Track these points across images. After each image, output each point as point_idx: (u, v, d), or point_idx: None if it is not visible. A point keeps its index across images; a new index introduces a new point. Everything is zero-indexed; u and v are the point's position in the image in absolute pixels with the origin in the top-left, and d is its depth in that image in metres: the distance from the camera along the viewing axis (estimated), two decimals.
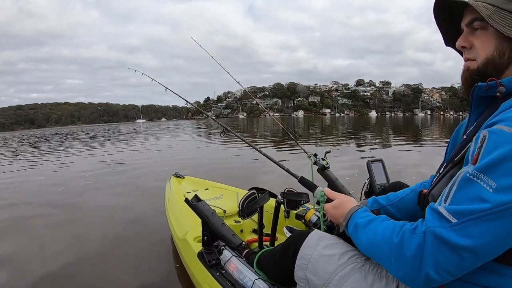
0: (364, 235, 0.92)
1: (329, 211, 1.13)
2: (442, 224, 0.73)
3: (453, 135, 1.07)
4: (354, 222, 0.98)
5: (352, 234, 0.98)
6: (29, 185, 5.99)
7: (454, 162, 0.89)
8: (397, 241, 0.79)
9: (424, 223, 0.77)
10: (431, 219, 0.76)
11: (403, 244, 0.78)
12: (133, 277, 2.32)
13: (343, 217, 1.04)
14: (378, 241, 0.86)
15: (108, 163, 8.33)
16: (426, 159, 7.62)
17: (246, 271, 1.45)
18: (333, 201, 1.14)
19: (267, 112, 2.05)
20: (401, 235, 0.79)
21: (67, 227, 3.47)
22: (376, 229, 0.88)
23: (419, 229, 0.77)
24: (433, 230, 0.73)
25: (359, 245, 0.95)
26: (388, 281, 0.94)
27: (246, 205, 1.62)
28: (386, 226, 0.87)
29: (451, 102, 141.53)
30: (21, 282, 2.32)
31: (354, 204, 1.07)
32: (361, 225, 0.94)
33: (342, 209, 1.07)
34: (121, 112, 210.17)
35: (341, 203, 1.10)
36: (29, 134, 39.12)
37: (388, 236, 0.83)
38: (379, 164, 1.75)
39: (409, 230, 0.79)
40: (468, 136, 0.88)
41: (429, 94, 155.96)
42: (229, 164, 7.66)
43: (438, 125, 29.03)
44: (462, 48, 0.93)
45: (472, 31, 0.90)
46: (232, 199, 2.51)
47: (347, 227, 1.01)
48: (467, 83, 0.92)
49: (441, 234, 0.72)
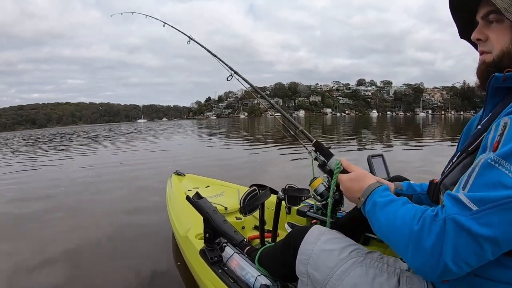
0: (382, 215, 0.87)
1: (345, 183, 1.07)
2: (462, 212, 0.70)
3: (465, 129, 1.06)
4: (373, 200, 0.93)
5: (369, 212, 0.93)
6: (30, 184, 6.01)
7: (468, 151, 0.87)
8: (417, 228, 0.75)
9: (443, 210, 0.74)
10: (451, 206, 0.73)
11: (423, 231, 0.73)
12: (136, 274, 2.32)
13: (360, 192, 0.99)
14: (397, 225, 0.81)
15: (110, 162, 8.36)
16: (427, 158, 7.63)
17: (248, 267, 1.45)
18: (351, 173, 1.09)
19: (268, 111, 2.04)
20: (422, 222, 0.75)
21: (68, 225, 3.48)
22: (396, 211, 0.83)
23: (439, 216, 0.73)
24: (454, 217, 0.70)
25: (375, 225, 0.90)
26: (389, 275, 0.94)
27: (247, 202, 1.62)
28: (407, 210, 0.82)
29: (452, 102, 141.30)
30: (22, 281, 2.33)
31: (374, 180, 1.01)
32: (380, 205, 0.89)
33: (361, 183, 1.01)
34: (122, 112, 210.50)
35: (360, 176, 1.05)
36: (29, 134, 39.15)
37: (409, 221, 0.78)
38: (380, 159, 1.74)
39: (430, 217, 0.74)
40: (483, 126, 0.87)
41: (430, 93, 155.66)
42: (229, 161, 7.67)
43: (440, 125, 28.96)
44: (477, 41, 0.92)
45: (487, 23, 0.89)
46: (233, 196, 2.52)
47: (364, 204, 0.96)
48: (482, 76, 0.92)
49: (462, 222, 0.69)
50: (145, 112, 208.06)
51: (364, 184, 1.00)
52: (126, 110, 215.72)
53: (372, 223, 0.92)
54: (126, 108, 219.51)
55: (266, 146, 10.97)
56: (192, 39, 2.28)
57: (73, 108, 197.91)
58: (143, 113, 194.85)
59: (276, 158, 8.03)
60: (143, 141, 16.83)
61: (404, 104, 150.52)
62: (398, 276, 0.94)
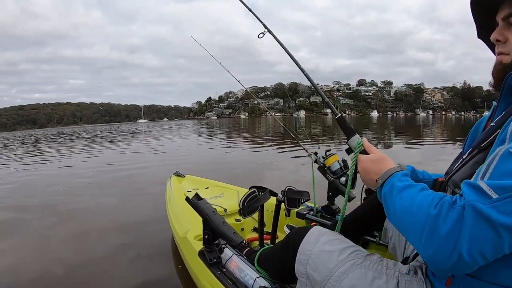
0: (399, 200, 0.84)
1: (365, 163, 1.04)
2: (482, 200, 0.67)
3: (473, 129, 1.06)
4: (391, 183, 0.90)
5: (386, 195, 0.90)
6: (31, 185, 6.00)
7: (481, 148, 0.86)
8: (434, 213, 0.72)
9: (462, 198, 0.71)
10: (470, 193, 0.70)
11: (440, 217, 0.71)
12: (134, 276, 2.31)
13: (378, 174, 0.96)
14: (413, 210, 0.78)
15: (110, 163, 8.35)
16: (428, 158, 7.63)
17: (247, 269, 1.46)
18: (371, 154, 1.07)
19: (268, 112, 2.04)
20: (439, 207, 0.72)
21: (68, 227, 3.47)
22: (414, 196, 0.81)
23: (458, 203, 0.70)
24: (473, 204, 0.67)
25: (390, 210, 0.87)
26: (388, 278, 0.95)
27: (247, 203, 1.62)
28: (425, 196, 0.79)
29: (453, 102, 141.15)
30: (22, 282, 2.32)
31: (394, 165, 0.99)
32: (398, 188, 0.86)
33: (381, 165, 0.99)
34: (123, 112, 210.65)
35: (381, 159, 1.02)
36: (29, 134, 39.16)
37: (426, 207, 0.75)
38: None
39: (449, 203, 0.72)
40: (497, 123, 0.86)
41: (431, 94, 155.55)
42: (230, 163, 7.67)
43: (440, 125, 28.94)
44: (496, 42, 0.92)
45: (508, 25, 0.88)
46: (232, 197, 2.52)
47: (381, 187, 0.93)
48: (498, 76, 0.92)
49: (482, 209, 0.66)
50: (146, 112, 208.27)
51: (383, 167, 0.97)
52: (127, 110, 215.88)
53: (387, 207, 0.89)
54: (126, 108, 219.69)
55: (267, 147, 10.95)
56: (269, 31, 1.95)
57: (73, 108, 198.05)
58: (143, 113, 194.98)
59: (276, 159, 8.02)
60: (146, 141, 16.85)
61: (404, 105, 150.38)
62: (397, 279, 0.94)
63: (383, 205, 0.92)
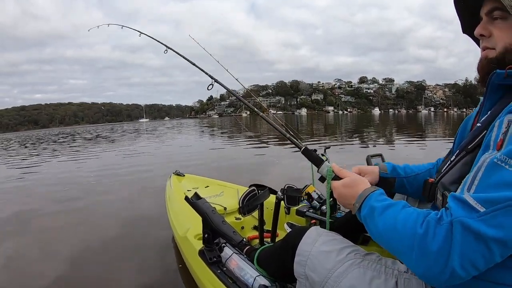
0: (381, 221, 0.83)
1: (338, 189, 1.03)
2: (469, 214, 0.67)
3: (461, 127, 1.05)
4: (370, 205, 0.89)
5: (366, 218, 0.89)
6: (34, 185, 6.03)
7: (468, 149, 0.87)
8: (421, 232, 0.72)
9: (448, 212, 0.71)
10: (456, 209, 0.70)
11: (428, 235, 0.70)
12: (135, 275, 2.32)
13: (354, 198, 0.95)
14: (398, 229, 0.77)
15: (112, 164, 8.38)
16: (430, 155, 7.60)
17: (247, 268, 1.45)
18: (343, 179, 1.05)
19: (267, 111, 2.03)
20: (425, 225, 0.72)
21: (69, 226, 3.48)
22: (396, 216, 0.80)
23: (444, 219, 0.70)
24: (461, 220, 0.67)
25: (374, 231, 0.87)
26: (387, 277, 0.94)
27: (247, 202, 1.62)
28: (408, 214, 0.78)
29: (455, 99, 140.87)
30: (24, 280, 2.34)
31: (368, 185, 0.98)
32: (379, 209, 0.85)
33: (355, 188, 0.98)
34: (124, 111, 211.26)
35: (353, 182, 1.01)
36: (31, 135, 39.24)
37: (411, 226, 0.75)
38: (379, 159, 1.73)
39: (435, 220, 0.72)
40: (483, 123, 0.86)
41: (433, 91, 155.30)
42: (230, 161, 7.67)
43: (442, 122, 28.88)
44: (480, 37, 0.92)
45: (491, 20, 0.88)
46: (232, 196, 2.51)
47: (360, 210, 0.93)
48: (483, 71, 0.91)
49: (469, 224, 0.66)
50: (147, 111, 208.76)
51: (358, 190, 0.96)
52: (128, 109, 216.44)
53: (370, 229, 0.89)
54: (128, 107, 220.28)
55: (267, 145, 10.95)
56: (170, 48, 2.25)
57: (75, 108, 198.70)
58: (145, 112, 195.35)
59: (276, 157, 8.01)
60: (147, 141, 16.87)
61: (406, 102, 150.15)
62: (396, 278, 0.93)
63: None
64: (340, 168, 1.11)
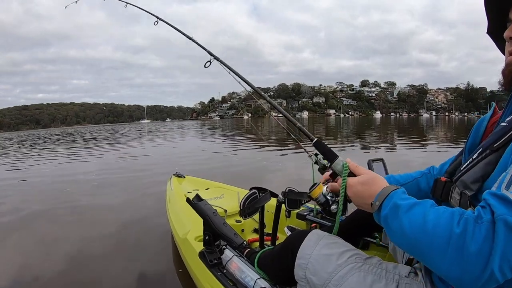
0: (407, 220, 0.76)
1: (355, 187, 0.95)
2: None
3: (474, 128, 1.02)
4: (393, 202, 0.82)
5: (388, 217, 0.82)
6: (35, 185, 6.02)
7: (493, 148, 0.82)
8: (459, 231, 0.66)
9: (486, 210, 0.67)
10: (498, 206, 0.65)
11: (467, 235, 0.65)
12: (135, 276, 2.32)
13: (372, 197, 0.89)
14: (429, 228, 0.71)
15: (113, 164, 8.40)
16: (432, 158, 7.60)
17: (247, 270, 1.45)
18: (360, 176, 0.98)
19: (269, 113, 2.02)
20: (463, 224, 0.67)
21: (69, 228, 3.47)
22: (426, 214, 0.74)
23: (484, 218, 0.65)
24: (505, 218, 0.63)
25: (397, 232, 0.79)
26: (388, 281, 0.93)
27: (247, 204, 1.62)
28: (440, 212, 0.73)
29: (456, 103, 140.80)
30: (24, 279, 2.34)
31: (387, 183, 0.92)
32: (404, 208, 0.79)
33: (374, 186, 0.91)
34: (126, 112, 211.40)
35: (371, 180, 0.94)
36: (32, 134, 39.27)
37: (446, 224, 0.69)
38: (380, 164, 1.73)
39: (473, 218, 0.67)
40: (510, 123, 0.83)
41: (434, 94, 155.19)
42: (231, 163, 7.67)
43: (443, 126, 28.81)
44: (510, 40, 0.89)
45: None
46: (233, 198, 2.51)
47: (380, 209, 0.86)
48: (510, 76, 0.89)
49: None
50: (149, 112, 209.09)
51: (377, 188, 0.90)
52: (130, 110, 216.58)
53: (393, 230, 0.81)
54: (129, 108, 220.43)
55: (269, 148, 10.92)
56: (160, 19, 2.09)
57: (77, 108, 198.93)
58: (146, 113, 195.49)
59: (278, 160, 8.01)
60: (146, 142, 16.87)
61: (407, 105, 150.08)
62: (397, 282, 0.92)
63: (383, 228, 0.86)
64: (356, 165, 1.03)
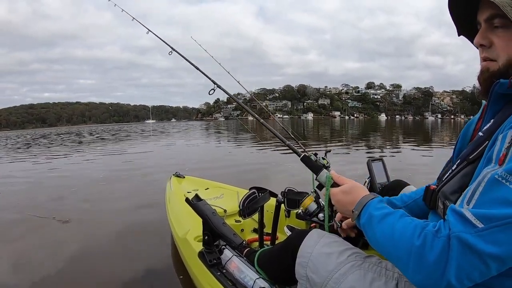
0: (379, 229, 0.84)
1: (337, 196, 1.05)
2: (467, 229, 0.67)
3: (461, 133, 1.01)
4: (369, 212, 0.90)
5: (365, 225, 0.90)
6: (41, 185, 6.03)
7: (469, 160, 0.84)
8: (418, 243, 0.72)
9: (446, 225, 0.72)
10: (455, 223, 0.70)
11: (425, 247, 0.71)
12: (134, 276, 2.32)
13: (353, 205, 0.96)
14: (396, 239, 0.78)
15: (115, 164, 8.46)
16: (436, 162, 7.55)
17: (247, 270, 1.45)
18: (342, 185, 1.06)
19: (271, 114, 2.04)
20: (423, 237, 0.73)
21: (70, 227, 3.48)
22: (394, 225, 0.80)
23: (442, 232, 0.71)
24: (458, 235, 0.68)
25: (372, 239, 0.87)
26: (388, 279, 0.94)
27: (247, 204, 1.62)
28: (406, 224, 0.79)
29: (462, 106, 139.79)
30: (25, 279, 2.34)
31: (367, 192, 0.99)
32: (377, 218, 0.86)
33: (354, 195, 0.99)
34: (132, 112, 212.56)
35: (352, 189, 1.02)
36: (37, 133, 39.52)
37: (409, 236, 0.75)
38: (380, 163, 1.73)
39: (432, 233, 0.72)
40: (485, 133, 0.83)
41: (440, 97, 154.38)
42: (232, 164, 7.69)
43: (449, 129, 28.66)
44: (480, 46, 0.86)
45: (491, 28, 0.82)
46: (232, 198, 2.51)
47: (359, 217, 0.93)
48: (486, 83, 0.86)
49: (467, 240, 0.66)
50: (154, 112, 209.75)
51: (357, 196, 0.97)
52: (136, 110, 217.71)
53: (368, 237, 0.89)
54: (135, 108, 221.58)
55: (271, 149, 10.92)
56: (174, 50, 2.22)
57: (83, 107, 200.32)
58: (152, 113, 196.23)
59: (278, 160, 8.00)
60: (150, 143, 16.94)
61: (413, 108, 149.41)
62: (396, 280, 0.93)
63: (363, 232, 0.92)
64: (339, 176, 1.12)
